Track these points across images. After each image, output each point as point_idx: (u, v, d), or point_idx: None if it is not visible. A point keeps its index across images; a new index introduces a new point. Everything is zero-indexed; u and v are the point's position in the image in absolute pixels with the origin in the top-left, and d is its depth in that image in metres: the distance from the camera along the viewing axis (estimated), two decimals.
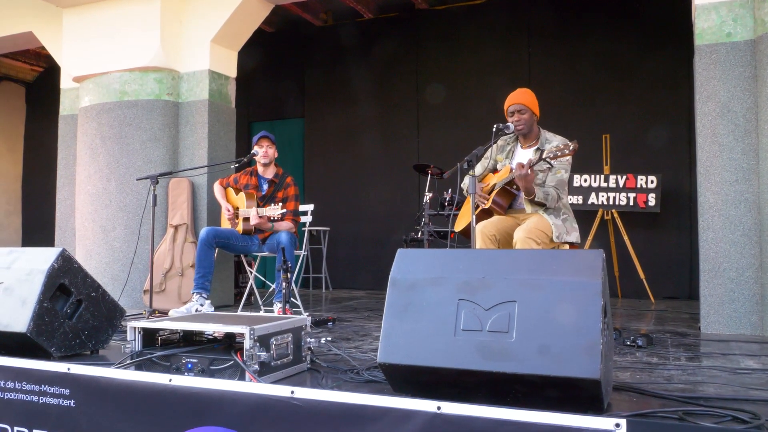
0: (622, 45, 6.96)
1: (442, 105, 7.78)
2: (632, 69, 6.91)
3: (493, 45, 7.56)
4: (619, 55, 6.98)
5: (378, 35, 8.20)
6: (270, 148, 5.11)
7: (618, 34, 6.97)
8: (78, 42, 6.27)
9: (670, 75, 6.71)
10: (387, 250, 4.15)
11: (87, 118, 6.18)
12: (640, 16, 6.89)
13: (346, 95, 8.35)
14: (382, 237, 7.71)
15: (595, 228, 6.47)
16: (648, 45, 6.83)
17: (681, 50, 6.48)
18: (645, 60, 6.85)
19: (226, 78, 6.29)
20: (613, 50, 7.00)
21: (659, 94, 6.77)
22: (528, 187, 3.59)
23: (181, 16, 6.13)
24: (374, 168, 8.10)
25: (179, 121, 6.12)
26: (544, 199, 3.66)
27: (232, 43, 6.30)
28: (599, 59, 7.06)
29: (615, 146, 6.59)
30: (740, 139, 4.23)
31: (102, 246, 5.97)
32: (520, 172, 3.53)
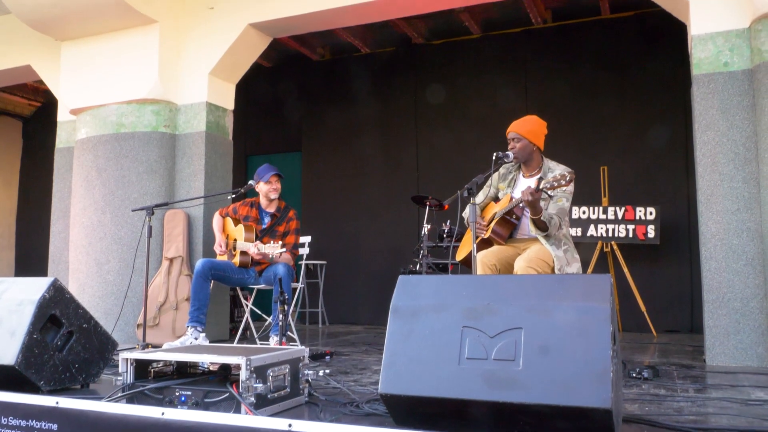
0: (618, 76, 7.00)
1: (441, 137, 7.78)
2: (629, 101, 6.94)
3: (490, 78, 7.60)
4: (616, 86, 7.01)
5: (375, 69, 8.24)
6: (278, 185, 5.07)
7: (614, 66, 7.02)
8: (76, 74, 6.28)
9: (667, 105, 6.73)
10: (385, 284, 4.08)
11: (83, 150, 6.16)
12: (637, 46, 6.95)
13: (343, 129, 8.36)
14: (381, 270, 7.63)
15: (595, 260, 6.41)
16: (644, 75, 6.87)
17: (678, 80, 6.52)
18: (641, 91, 6.88)
19: (224, 110, 6.28)
20: (609, 81, 7.04)
21: (656, 125, 6.78)
22: (536, 206, 3.53)
23: (180, 48, 6.16)
24: (372, 200, 8.06)
25: (176, 153, 6.09)
26: (548, 221, 3.61)
27: (230, 75, 6.32)
28: (596, 91, 7.10)
29: (613, 178, 6.58)
30: (740, 167, 4.21)
31: (95, 279, 5.88)
32: (528, 197, 3.47)
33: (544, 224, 3.62)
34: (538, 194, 3.49)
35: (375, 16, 5.94)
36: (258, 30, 6.09)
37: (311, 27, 6.19)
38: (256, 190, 5.08)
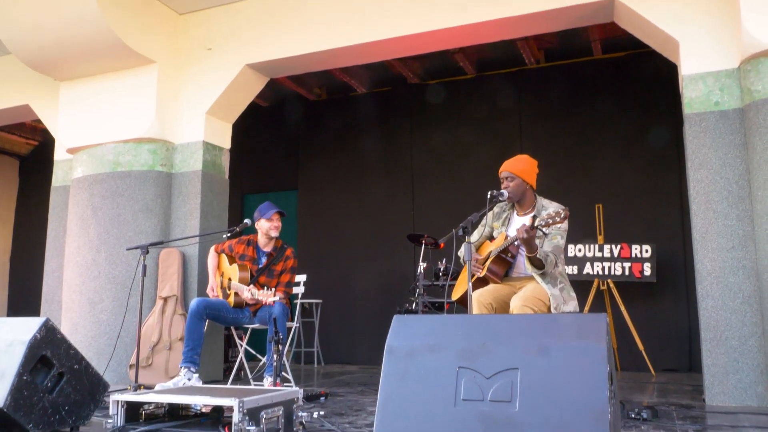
0: (612, 114, 7.08)
1: (437, 176, 7.82)
2: (622, 139, 7.01)
3: (485, 116, 7.68)
4: (609, 124, 7.08)
5: (371, 109, 8.33)
6: (279, 223, 5.04)
7: (607, 104, 7.10)
8: (74, 114, 6.32)
9: (660, 144, 6.79)
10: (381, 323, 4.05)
11: (79, 188, 6.16)
12: (629, 85, 7.04)
13: (339, 168, 8.41)
14: (377, 309, 7.58)
15: (591, 298, 6.39)
16: (637, 114, 6.95)
17: (670, 118, 6.59)
18: (634, 130, 6.95)
19: (221, 149, 6.32)
20: (603, 120, 7.11)
21: (650, 163, 6.83)
22: (531, 244, 3.54)
23: (177, 88, 6.22)
24: (368, 239, 8.05)
25: (172, 192, 6.10)
26: (544, 259, 3.61)
27: (227, 115, 6.37)
28: (589, 129, 7.17)
29: (608, 216, 6.60)
30: (734, 205, 4.23)
31: (88, 319, 5.82)
32: (522, 234, 3.48)
33: (540, 262, 3.62)
34: (532, 232, 3.50)
35: (371, 57, 6.03)
36: (255, 70, 6.17)
37: (308, 67, 6.27)
38: (256, 227, 5.06)
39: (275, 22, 5.95)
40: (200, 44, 6.24)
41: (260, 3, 6.05)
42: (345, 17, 5.66)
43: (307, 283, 5.60)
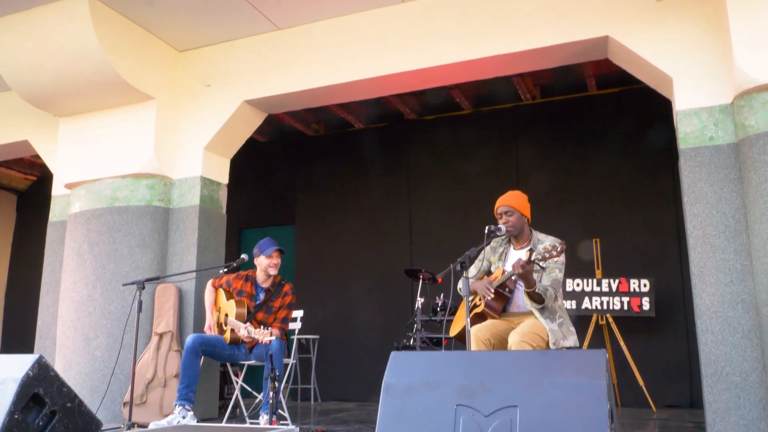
0: (607, 149, 7.12)
1: (434, 210, 7.83)
2: (618, 173, 7.04)
3: (482, 152, 7.72)
4: (605, 158, 7.12)
5: (368, 144, 8.38)
6: (279, 260, 5.02)
7: (603, 139, 7.15)
8: (72, 149, 6.35)
9: (656, 177, 6.83)
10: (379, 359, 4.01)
11: (76, 223, 6.15)
12: (624, 120, 7.10)
13: (337, 202, 8.42)
14: (374, 345, 7.51)
15: (590, 333, 6.34)
16: (633, 148, 6.99)
17: (665, 152, 6.63)
18: (630, 163, 6.99)
19: (218, 184, 6.33)
20: (599, 154, 7.16)
21: (646, 197, 6.85)
22: (528, 278, 3.53)
23: (176, 124, 6.26)
24: (365, 274, 8.02)
25: (169, 227, 6.09)
26: (543, 293, 3.59)
27: (225, 150, 6.40)
28: (586, 164, 7.21)
29: (606, 250, 6.59)
30: (731, 239, 4.23)
31: (83, 355, 5.76)
32: (518, 269, 3.48)
33: (539, 296, 3.60)
34: (529, 266, 3.49)
35: (368, 93, 6.09)
36: (253, 106, 6.22)
37: (306, 103, 6.33)
38: (255, 263, 5.04)
39: (273, 58, 6.02)
40: (199, 81, 6.30)
41: (258, 40, 6.13)
42: (342, 54, 5.73)
43: (304, 319, 5.55)
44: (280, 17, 5.84)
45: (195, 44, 6.33)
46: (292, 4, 5.63)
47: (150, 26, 5.96)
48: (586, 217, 7.02)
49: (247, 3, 5.58)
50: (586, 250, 6.56)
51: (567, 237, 4.22)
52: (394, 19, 5.60)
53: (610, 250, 6.64)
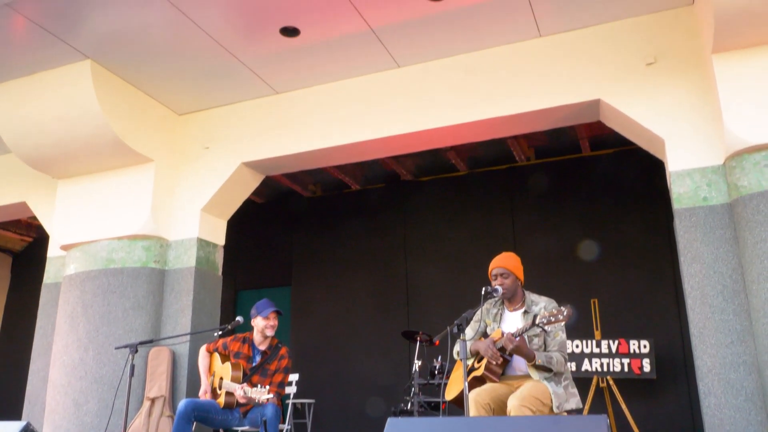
0: (603, 209, 7.16)
1: (431, 271, 7.81)
2: (614, 234, 7.06)
3: (478, 212, 7.76)
4: (601, 218, 7.16)
5: (365, 205, 8.42)
6: (276, 322, 4.97)
7: (598, 199, 7.20)
8: (70, 211, 6.36)
9: (652, 237, 6.84)
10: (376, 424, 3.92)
11: (71, 285, 6.10)
12: (618, 181, 7.17)
13: (333, 264, 8.40)
14: (371, 409, 7.35)
15: (591, 396, 6.23)
16: (628, 208, 7.04)
17: (661, 211, 6.67)
18: (626, 222, 7.02)
19: (215, 246, 6.32)
20: (594, 214, 7.19)
21: (643, 256, 6.85)
22: (526, 353, 3.51)
23: (174, 185, 6.30)
24: (362, 336, 7.93)
25: (164, 289, 6.05)
26: (548, 363, 3.55)
27: (222, 212, 6.42)
28: (582, 224, 7.23)
29: (604, 310, 6.55)
30: (730, 299, 4.21)
31: (72, 421, 5.61)
32: (510, 345, 3.48)
33: (545, 367, 3.57)
34: (521, 341, 3.49)
35: (365, 155, 6.16)
36: (251, 168, 6.28)
37: (303, 165, 6.39)
38: (252, 324, 4.99)
39: (271, 121, 6.12)
40: (198, 143, 6.38)
41: (257, 104, 6.24)
42: (339, 117, 5.82)
43: (300, 383, 5.45)
44: (278, 82, 5.97)
45: (194, 108, 6.44)
46: (291, 70, 5.76)
47: (150, 90, 6.07)
48: (583, 278, 7.00)
49: (247, 68, 5.71)
50: (585, 311, 6.50)
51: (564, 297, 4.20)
52: (390, 83, 5.72)
53: (608, 311, 6.60)
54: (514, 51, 5.33)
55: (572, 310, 3.49)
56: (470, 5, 4.86)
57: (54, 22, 4.99)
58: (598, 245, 7.10)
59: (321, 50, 5.46)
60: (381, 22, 5.07)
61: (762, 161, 4.18)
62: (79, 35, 5.17)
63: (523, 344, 3.53)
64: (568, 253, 7.18)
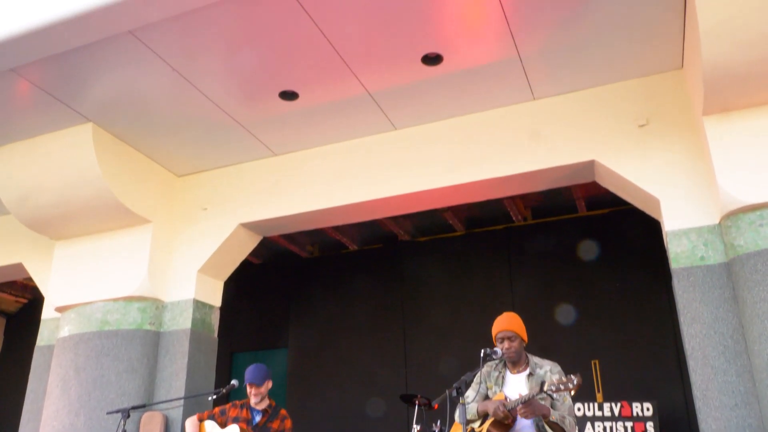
0: (601, 269, 7.14)
1: (429, 332, 7.72)
2: (613, 294, 7.02)
3: (476, 273, 7.74)
4: (600, 278, 7.13)
5: (363, 266, 8.40)
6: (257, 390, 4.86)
7: (596, 259, 7.19)
8: (66, 272, 6.33)
9: (652, 297, 6.80)
10: None
11: (64, 348, 6.01)
12: (615, 240, 7.17)
13: (331, 325, 8.31)
14: None
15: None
16: (626, 268, 7.01)
17: (659, 270, 6.64)
18: (624, 282, 6.98)
19: (211, 307, 6.27)
20: (593, 274, 7.17)
21: (643, 316, 6.79)
22: (542, 413, 3.43)
23: (171, 246, 6.30)
24: (359, 399, 7.77)
25: (159, 351, 5.96)
26: (561, 422, 3.47)
27: (219, 273, 6.40)
28: (581, 284, 7.20)
29: (606, 372, 6.45)
30: (732, 360, 4.15)
31: None
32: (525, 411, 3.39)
33: (558, 426, 3.49)
34: (534, 402, 3.42)
35: (362, 216, 6.18)
36: (249, 229, 6.29)
37: (301, 226, 6.40)
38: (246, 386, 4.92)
39: (269, 183, 6.17)
40: (196, 204, 6.41)
41: (255, 165, 6.31)
42: (337, 178, 5.88)
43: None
44: (277, 144, 6.05)
45: (193, 169, 6.50)
46: (290, 132, 5.85)
47: (150, 152, 6.15)
48: (583, 339, 6.92)
49: (246, 131, 5.80)
50: (586, 373, 6.40)
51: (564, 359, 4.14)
52: (387, 145, 5.80)
53: (610, 372, 6.49)
54: (509, 113, 5.44)
55: (581, 379, 3.41)
56: (465, 70, 4.98)
57: (58, 86, 5.09)
58: (598, 305, 7.04)
59: (319, 113, 5.55)
60: (378, 86, 5.18)
61: (757, 221, 4.20)
62: (82, 99, 5.27)
63: (536, 403, 3.45)
64: (567, 314, 7.11)
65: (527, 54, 4.82)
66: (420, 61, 4.88)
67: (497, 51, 4.78)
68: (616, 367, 6.61)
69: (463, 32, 4.58)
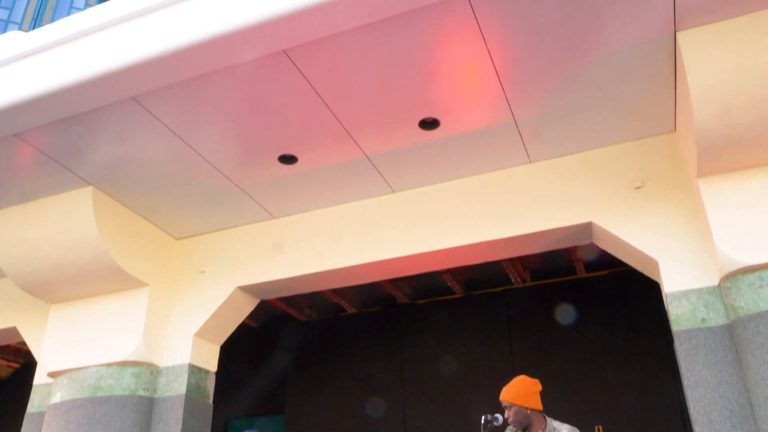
0: (602, 331, 7.07)
1: (429, 397, 7.57)
2: (614, 355, 6.93)
3: (476, 335, 7.65)
4: (600, 341, 7.05)
5: (361, 329, 8.31)
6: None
7: (596, 321, 7.13)
8: (60, 337, 6.24)
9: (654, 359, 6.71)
10: None
11: (55, 415, 5.86)
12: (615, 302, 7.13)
13: (328, 389, 8.16)
14: None
15: None
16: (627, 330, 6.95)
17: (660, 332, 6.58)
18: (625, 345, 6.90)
19: (206, 372, 6.16)
20: (593, 336, 7.09)
21: (646, 378, 6.68)
22: None
23: (167, 310, 6.24)
24: None
25: (152, 418, 5.82)
26: None
27: (216, 337, 6.32)
28: (581, 346, 7.11)
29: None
30: (738, 425, 4.06)
31: None
32: None
33: None
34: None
35: (361, 279, 6.15)
36: (246, 292, 6.25)
37: (299, 289, 6.36)
38: None
39: (267, 245, 6.16)
40: (194, 267, 6.39)
41: (253, 228, 6.32)
42: (335, 241, 5.88)
43: None
44: (275, 206, 6.08)
45: (191, 232, 6.51)
46: (290, 196, 5.89)
47: (149, 215, 6.17)
48: (585, 403, 6.79)
49: (245, 194, 5.84)
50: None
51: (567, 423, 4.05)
52: (385, 208, 5.83)
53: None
54: (505, 176, 5.49)
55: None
56: (461, 134, 5.07)
57: (60, 150, 5.15)
58: (600, 368, 6.94)
59: (318, 176, 5.61)
60: (376, 149, 5.25)
61: (757, 282, 4.19)
62: (83, 162, 5.32)
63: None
64: (568, 378, 7.00)
65: (522, 118, 4.91)
66: (417, 126, 4.96)
67: (493, 115, 4.87)
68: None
69: (460, 97, 4.68)
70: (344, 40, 4.11)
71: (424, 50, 4.21)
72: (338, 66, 4.33)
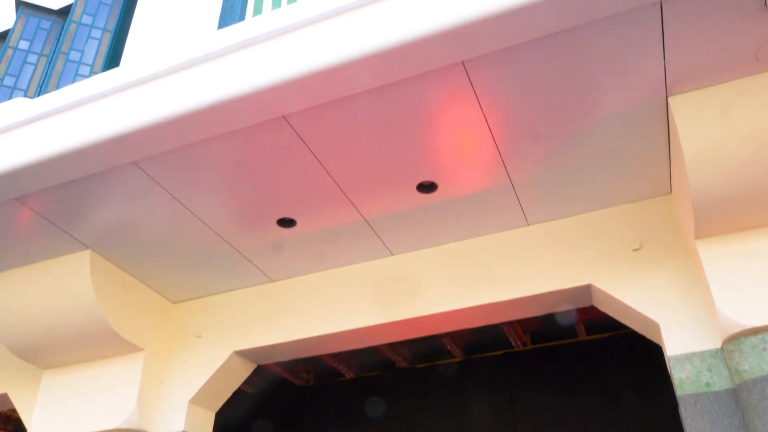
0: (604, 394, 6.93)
1: None
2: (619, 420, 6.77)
3: (476, 400, 7.50)
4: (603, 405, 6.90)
5: (359, 394, 8.15)
6: None
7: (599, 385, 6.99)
8: (52, 404, 6.10)
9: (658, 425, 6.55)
10: None
11: None
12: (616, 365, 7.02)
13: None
14: None
15: None
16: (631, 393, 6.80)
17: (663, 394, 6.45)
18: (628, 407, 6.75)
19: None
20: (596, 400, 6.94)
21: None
22: None
23: (162, 376, 6.13)
24: None
25: None
26: None
27: (211, 403, 6.19)
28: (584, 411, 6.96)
29: None
30: None
31: None
32: None
33: None
34: None
35: (359, 342, 6.08)
36: (243, 357, 6.16)
37: (296, 354, 6.28)
38: None
39: (265, 309, 6.11)
40: (190, 331, 6.31)
41: (251, 292, 6.28)
42: (333, 305, 5.84)
43: None
44: (274, 271, 6.06)
45: (189, 296, 6.46)
46: (289, 260, 5.88)
47: (146, 278, 6.14)
48: None
49: (243, 257, 5.83)
50: None
51: None
52: (384, 271, 5.81)
53: None
54: (503, 239, 5.50)
55: None
56: (459, 197, 5.11)
57: (59, 214, 5.17)
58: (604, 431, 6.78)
59: (316, 240, 5.62)
60: (374, 213, 5.28)
61: (760, 344, 4.14)
62: (81, 226, 5.33)
63: None
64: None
65: (519, 181, 4.96)
66: (415, 189, 5.01)
67: (490, 179, 4.92)
68: None
69: (457, 161, 4.74)
70: (343, 106, 4.20)
71: (422, 115, 4.30)
72: (337, 131, 4.41)
